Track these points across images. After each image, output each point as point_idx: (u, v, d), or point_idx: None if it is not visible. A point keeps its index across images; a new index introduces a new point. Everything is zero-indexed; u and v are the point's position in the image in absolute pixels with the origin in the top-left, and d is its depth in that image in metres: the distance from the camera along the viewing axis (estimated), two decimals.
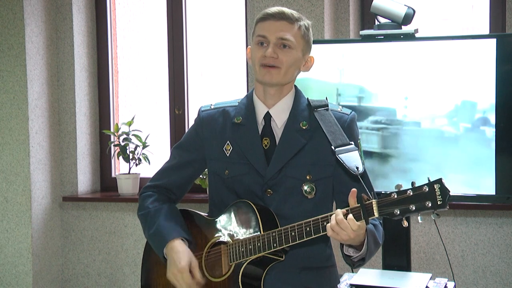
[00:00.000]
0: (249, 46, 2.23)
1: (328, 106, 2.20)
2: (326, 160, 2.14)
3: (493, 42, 2.89)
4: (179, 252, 2.13)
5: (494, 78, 2.87)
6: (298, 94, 2.23)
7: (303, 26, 2.15)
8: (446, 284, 2.85)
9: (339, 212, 1.90)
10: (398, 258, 3.00)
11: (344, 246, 2.03)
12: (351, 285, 2.83)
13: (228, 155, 2.19)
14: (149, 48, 4.37)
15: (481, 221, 3.47)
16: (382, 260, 3.04)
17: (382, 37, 3.00)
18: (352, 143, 2.12)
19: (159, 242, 2.20)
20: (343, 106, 2.26)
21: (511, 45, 2.89)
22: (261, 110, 2.20)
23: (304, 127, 2.16)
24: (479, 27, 3.73)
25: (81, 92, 4.21)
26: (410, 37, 2.96)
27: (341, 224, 1.88)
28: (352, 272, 2.96)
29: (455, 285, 2.89)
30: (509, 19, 3.47)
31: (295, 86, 2.24)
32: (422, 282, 2.83)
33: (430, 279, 2.89)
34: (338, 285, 2.27)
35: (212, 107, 2.29)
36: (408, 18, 2.95)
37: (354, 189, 1.93)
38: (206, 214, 2.28)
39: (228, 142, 2.20)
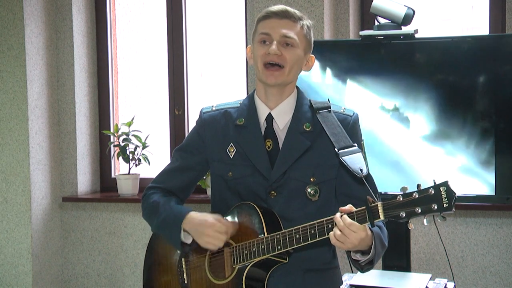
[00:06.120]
0: (249, 46, 2.22)
1: (330, 108, 2.19)
2: (330, 162, 2.12)
3: (493, 42, 2.89)
4: (200, 216, 2.12)
5: (494, 78, 2.87)
6: (300, 95, 2.22)
7: (305, 26, 2.15)
8: (446, 284, 2.86)
9: (341, 222, 1.89)
10: (398, 258, 3.00)
11: (351, 251, 2.01)
12: (351, 285, 2.82)
13: (231, 157, 2.18)
14: (149, 49, 4.37)
15: (481, 221, 3.47)
16: (382, 261, 3.04)
17: (382, 37, 3.00)
18: (356, 144, 2.12)
19: (174, 221, 2.15)
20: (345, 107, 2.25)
21: (511, 45, 2.88)
22: (263, 111, 2.19)
23: (307, 129, 2.15)
24: (479, 27, 3.72)
25: (81, 93, 4.21)
26: (410, 37, 2.96)
27: (344, 231, 1.87)
28: (360, 271, 2.95)
29: (455, 286, 2.89)
30: (509, 19, 3.47)
31: (297, 87, 2.23)
32: (422, 282, 2.83)
33: (430, 279, 2.89)
34: (340, 287, 2.26)
35: (214, 108, 2.27)
36: (408, 19, 2.95)
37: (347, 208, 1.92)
38: None
39: (231, 144, 2.19)
